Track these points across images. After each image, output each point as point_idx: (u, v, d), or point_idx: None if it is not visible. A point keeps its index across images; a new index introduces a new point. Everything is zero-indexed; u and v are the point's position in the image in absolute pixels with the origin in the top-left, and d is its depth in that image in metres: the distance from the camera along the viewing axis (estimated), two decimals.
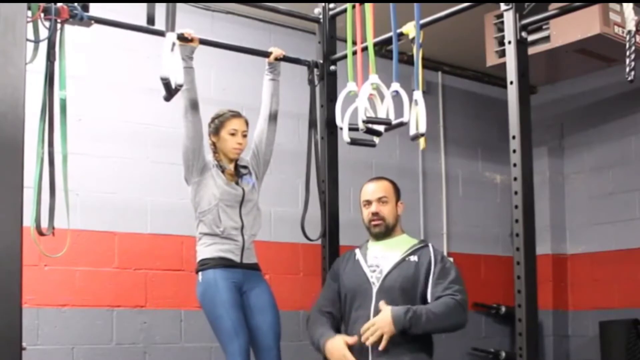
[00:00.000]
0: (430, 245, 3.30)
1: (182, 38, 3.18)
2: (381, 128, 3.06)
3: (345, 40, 3.18)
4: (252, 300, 3.36)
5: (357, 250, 3.35)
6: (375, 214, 3.29)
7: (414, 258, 3.21)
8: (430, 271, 3.17)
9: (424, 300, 3.15)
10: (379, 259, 3.25)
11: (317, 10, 3.83)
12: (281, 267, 4.64)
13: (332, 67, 3.79)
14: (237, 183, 3.42)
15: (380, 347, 2.99)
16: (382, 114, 3.01)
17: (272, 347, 3.34)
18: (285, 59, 3.64)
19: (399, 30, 3.21)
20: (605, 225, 5.68)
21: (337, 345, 3.12)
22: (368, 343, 3.01)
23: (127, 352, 4.11)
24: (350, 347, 3.16)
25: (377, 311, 3.09)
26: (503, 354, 5.60)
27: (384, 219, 3.28)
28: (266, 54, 3.59)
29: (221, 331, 3.24)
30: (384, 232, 3.29)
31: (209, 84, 4.49)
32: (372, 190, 3.34)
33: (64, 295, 3.96)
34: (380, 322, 3.01)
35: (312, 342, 3.27)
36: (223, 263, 3.31)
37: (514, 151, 2.88)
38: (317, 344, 3.22)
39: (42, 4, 2.77)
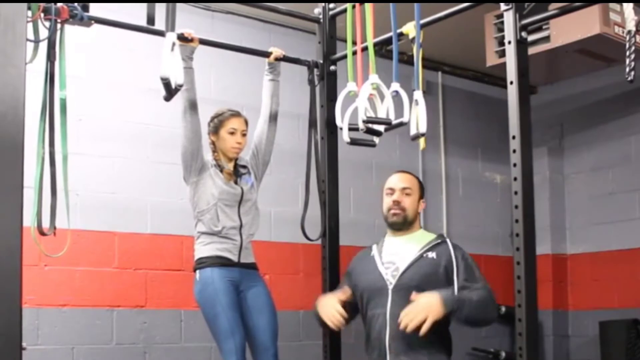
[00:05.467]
0: (448, 240, 3.20)
1: (182, 38, 3.18)
2: (381, 128, 3.06)
3: (345, 40, 3.18)
4: (250, 300, 3.36)
5: (374, 246, 3.28)
6: (396, 202, 3.22)
7: (431, 254, 3.13)
8: (453, 271, 3.07)
9: None
10: (395, 255, 3.18)
11: (317, 10, 3.83)
12: (281, 267, 4.64)
13: (332, 67, 3.78)
14: (235, 182, 3.42)
15: (422, 332, 2.84)
16: (382, 114, 3.01)
17: (270, 347, 3.35)
18: (285, 59, 3.64)
19: (399, 30, 3.21)
20: (605, 225, 5.69)
21: (329, 299, 3.16)
22: (409, 329, 2.87)
23: (127, 352, 4.11)
24: (367, 345, 3.15)
25: (394, 310, 3.03)
26: (503, 354, 5.61)
27: (404, 209, 3.21)
28: (266, 54, 3.59)
29: (217, 330, 3.25)
30: (402, 222, 3.22)
31: (209, 84, 4.49)
32: (397, 179, 3.29)
33: (64, 295, 3.96)
34: (425, 304, 2.88)
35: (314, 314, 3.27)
36: (220, 262, 3.31)
37: (514, 151, 2.87)
38: (314, 309, 3.24)
39: (42, 4, 2.77)
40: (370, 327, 3.15)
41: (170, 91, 2.88)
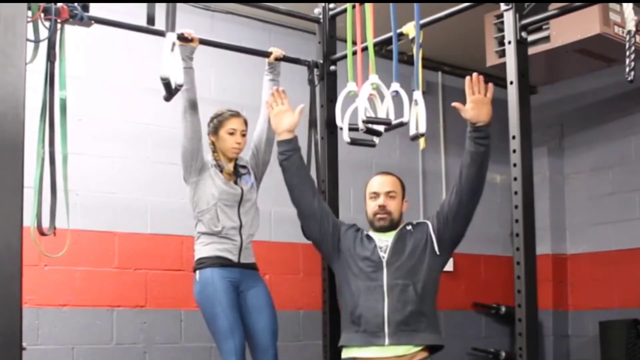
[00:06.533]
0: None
1: (182, 38, 3.18)
2: (381, 128, 3.06)
3: (345, 40, 3.18)
4: (250, 300, 3.36)
5: (363, 231, 3.31)
6: (382, 207, 3.24)
7: (409, 227, 3.24)
8: (433, 221, 3.22)
9: (428, 268, 3.15)
10: (382, 241, 3.21)
11: (317, 10, 3.83)
12: (281, 267, 4.64)
13: (332, 67, 3.78)
14: (235, 182, 3.42)
15: (489, 93, 3.06)
16: (382, 114, 3.01)
17: (270, 347, 3.35)
18: (285, 59, 3.64)
19: (399, 30, 3.21)
20: (605, 225, 5.69)
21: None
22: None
23: (127, 352, 4.11)
24: (355, 317, 3.13)
25: (390, 282, 3.08)
26: (503, 354, 5.61)
27: (390, 213, 3.24)
28: (266, 54, 3.59)
29: (217, 330, 3.25)
30: (389, 226, 3.24)
31: (209, 84, 4.49)
32: (381, 183, 3.30)
33: (64, 295, 3.96)
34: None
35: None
36: (220, 262, 3.31)
37: (514, 151, 2.88)
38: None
39: (42, 4, 2.76)
40: (361, 299, 3.11)
41: (170, 91, 2.88)
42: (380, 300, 3.07)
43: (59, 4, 2.83)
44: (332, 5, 3.80)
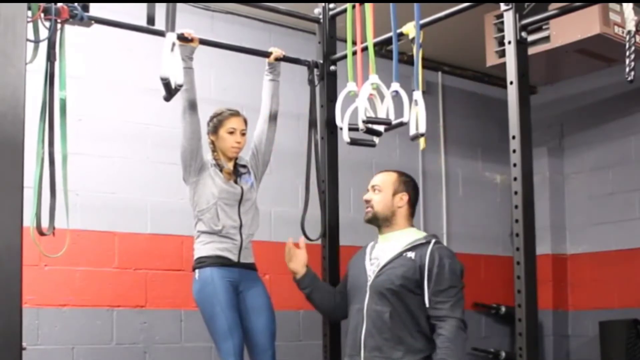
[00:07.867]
0: (432, 242, 3.12)
1: (182, 38, 3.18)
2: (381, 128, 3.06)
3: (345, 40, 3.18)
4: (249, 301, 3.36)
5: (370, 244, 3.31)
6: (366, 201, 3.28)
7: (410, 254, 3.09)
8: (424, 278, 3.04)
9: (413, 301, 3.06)
10: (381, 251, 3.20)
11: (317, 10, 3.83)
12: (281, 267, 4.58)
13: (332, 67, 3.78)
14: (235, 182, 3.42)
15: None
16: (382, 114, 3.01)
17: (268, 348, 3.36)
18: (285, 59, 3.64)
19: (399, 30, 3.21)
20: (605, 225, 5.69)
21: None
22: None
23: (127, 352, 4.11)
24: (346, 338, 3.18)
25: (370, 306, 3.07)
26: (503, 354, 5.61)
27: (372, 207, 3.24)
28: (266, 54, 3.59)
29: (216, 330, 3.25)
30: (371, 219, 3.24)
31: (209, 84, 4.49)
32: (372, 179, 3.34)
33: (64, 295, 3.96)
34: None
35: None
36: (220, 262, 3.31)
37: (514, 151, 2.87)
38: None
39: (42, 4, 2.76)
40: (350, 321, 3.18)
41: (170, 91, 2.88)
42: (360, 324, 3.10)
43: (59, 4, 2.83)
44: (332, 5, 3.80)
